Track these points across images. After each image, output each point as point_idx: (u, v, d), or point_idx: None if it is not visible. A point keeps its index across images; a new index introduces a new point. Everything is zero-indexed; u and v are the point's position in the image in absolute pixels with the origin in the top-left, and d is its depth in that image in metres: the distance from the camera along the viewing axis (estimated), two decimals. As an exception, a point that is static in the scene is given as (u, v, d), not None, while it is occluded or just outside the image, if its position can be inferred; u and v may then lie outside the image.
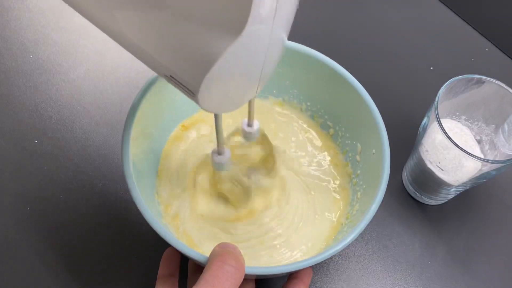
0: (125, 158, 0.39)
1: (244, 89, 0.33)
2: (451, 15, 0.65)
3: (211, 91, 0.29)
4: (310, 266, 0.37)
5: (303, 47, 0.46)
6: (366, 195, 0.42)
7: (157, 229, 0.37)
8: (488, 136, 0.47)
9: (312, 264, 0.36)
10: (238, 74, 0.30)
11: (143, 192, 0.39)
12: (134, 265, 0.46)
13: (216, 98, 0.31)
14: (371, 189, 0.41)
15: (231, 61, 0.28)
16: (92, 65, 0.58)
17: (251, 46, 0.28)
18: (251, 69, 0.31)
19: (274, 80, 0.48)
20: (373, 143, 0.43)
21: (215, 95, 0.30)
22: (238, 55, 0.28)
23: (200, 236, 0.43)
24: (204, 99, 0.30)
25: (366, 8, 0.65)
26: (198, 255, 0.35)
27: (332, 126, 0.48)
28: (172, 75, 0.29)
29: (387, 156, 0.41)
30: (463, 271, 0.48)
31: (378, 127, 0.42)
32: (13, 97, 0.55)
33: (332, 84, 0.46)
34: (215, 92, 0.30)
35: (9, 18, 0.60)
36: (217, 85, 0.29)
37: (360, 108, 0.44)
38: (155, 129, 0.45)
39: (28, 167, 0.51)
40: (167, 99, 0.45)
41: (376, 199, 0.39)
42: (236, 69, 0.29)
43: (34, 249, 0.46)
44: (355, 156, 0.46)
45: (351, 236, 0.37)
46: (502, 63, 0.62)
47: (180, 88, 0.30)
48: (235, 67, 0.29)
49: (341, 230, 0.43)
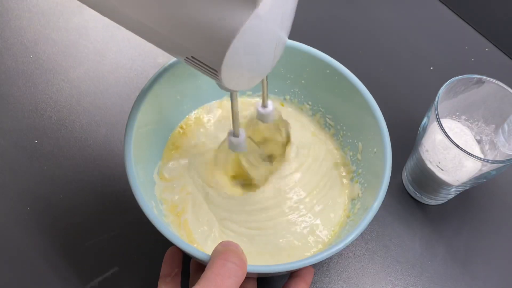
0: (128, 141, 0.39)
1: (262, 62, 0.33)
2: (451, 15, 0.65)
3: (232, 66, 0.30)
4: (311, 265, 0.37)
5: (304, 46, 0.46)
6: (368, 194, 0.42)
7: (160, 227, 0.37)
8: (488, 136, 0.47)
9: (313, 263, 0.36)
10: (257, 46, 0.31)
11: (142, 184, 0.39)
12: (135, 265, 0.46)
13: (237, 73, 0.31)
14: (373, 188, 0.41)
15: (250, 33, 0.28)
16: (92, 65, 0.58)
17: (268, 16, 0.29)
18: (268, 41, 0.32)
19: (275, 79, 0.48)
20: (374, 142, 0.43)
21: (236, 70, 0.31)
22: (257, 26, 0.28)
23: (198, 224, 0.44)
24: (226, 76, 0.30)
25: (366, 8, 0.65)
26: (201, 254, 0.35)
27: (333, 126, 0.49)
28: (194, 56, 0.30)
29: (388, 155, 0.41)
30: (463, 271, 0.48)
31: (380, 125, 0.42)
32: (13, 97, 0.55)
33: (333, 82, 0.46)
34: (236, 67, 0.30)
35: (9, 18, 0.60)
36: (238, 60, 0.30)
37: (361, 107, 0.44)
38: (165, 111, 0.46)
39: (28, 167, 0.51)
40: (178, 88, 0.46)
41: (378, 197, 0.39)
42: (256, 41, 0.30)
43: (34, 249, 0.46)
44: (356, 155, 0.46)
45: (354, 234, 0.37)
46: (502, 63, 0.62)
47: (201, 69, 0.31)
48: (254, 39, 0.29)
49: (344, 228, 0.43)
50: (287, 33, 0.34)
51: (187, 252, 0.37)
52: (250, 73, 0.33)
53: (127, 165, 0.39)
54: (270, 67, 0.35)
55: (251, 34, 0.28)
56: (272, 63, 0.34)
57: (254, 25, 0.28)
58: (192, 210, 0.44)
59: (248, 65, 0.32)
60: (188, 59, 0.30)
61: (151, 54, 0.58)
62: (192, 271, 0.42)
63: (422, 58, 0.61)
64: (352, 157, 0.47)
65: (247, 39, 0.28)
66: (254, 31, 0.29)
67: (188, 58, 0.30)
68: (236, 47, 0.28)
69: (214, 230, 0.43)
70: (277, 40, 0.32)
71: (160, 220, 0.37)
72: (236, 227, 0.43)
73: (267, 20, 0.29)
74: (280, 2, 0.29)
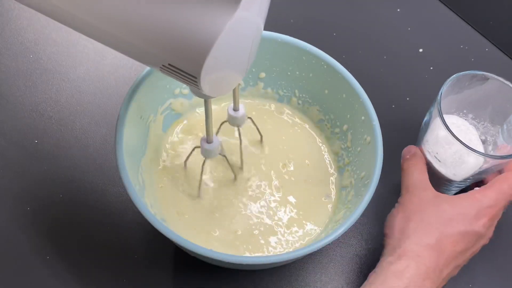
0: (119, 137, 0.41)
1: (238, 67, 0.33)
2: (451, 15, 0.65)
3: (212, 71, 0.29)
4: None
5: (280, 35, 0.47)
6: (362, 180, 0.43)
7: (160, 228, 0.37)
8: (492, 137, 0.47)
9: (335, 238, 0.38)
10: (236, 46, 0.30)
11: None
12: (135, 265, 0.46)
13: (216, 77, 0.31)
14: (367, 173, 0.43)
15: (231, 35, 0.28)
16: (92, 65, 0.58)
17: (248, 14, 0.28)
18: (244, 43, 0.31)
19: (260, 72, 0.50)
20: (364, 129, 0.44)
21: (216, 74, 0.30)
22: (238, 27, 0.28)
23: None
24: (205, 81, 0.29)
25: (366, 8, 0.65)
26: (204, 250, 0.36)
27: (323, 116, 0.50)
28: (171, 63, 0.29)
29: (379, 141, 0.42)
30: (463, 271, 0.48)
31: (368, 111, 0.44)
32: (13, 97, 0.55)
33: (314, 70, 0.47)
34: (216, 71, 0.30)
35: (9, 18, 0.60)
36: (218, 63, 0.29)
37: (346, 92, 0.46)
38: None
39: (28, 167, 0.51)
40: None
41: (373, 179, 0.41)
42: (235, 42, 0.29)
43: (34, 248, 0.46)
44: (346, 143, 0.47)
45: (357, 213, 0.39)
46: (502, 63, 0.62)
47: (178, 76, 0.30)
48: (234, 40, 0.29)
49: (338, 214, 0.45)
50: (259, 38, 0.34)
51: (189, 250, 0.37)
52: (228, 76, 0.33)
53: (122, 173, 0.40)
54: (245, 71, 0.34)
55: (231, 35, 0.28)
56: (246, 67, 0.34)
57: (236, 26, 0.27)
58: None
59: (226, 69, 0.31)
60: (164, 67, 0.29)
61: (151, 54, 0.58)
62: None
63: (422, 58, 0.61)
64: (343, 145, 0.48)
65: (227, 41, 0.28)
66: (235, 32, 0.28)
67: (164, 66, 0.29)
68: (216, 50, 0.27)
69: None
70: (251, 44, 0.32)
71: (155, 218, 0.38)
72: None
73: (247, 18, 0.29)
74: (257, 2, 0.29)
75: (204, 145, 0.40)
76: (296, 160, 0.48)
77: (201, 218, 0.45)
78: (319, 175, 0.48)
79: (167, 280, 0.46)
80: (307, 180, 0.47)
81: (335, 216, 0.45)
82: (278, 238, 0.44)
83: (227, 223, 0.44)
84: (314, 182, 0.47)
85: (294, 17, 0.63)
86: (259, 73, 0.50)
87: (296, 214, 0.45)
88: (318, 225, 0.45)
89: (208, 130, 0.39)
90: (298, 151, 0.49)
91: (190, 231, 0.44)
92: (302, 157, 0.49)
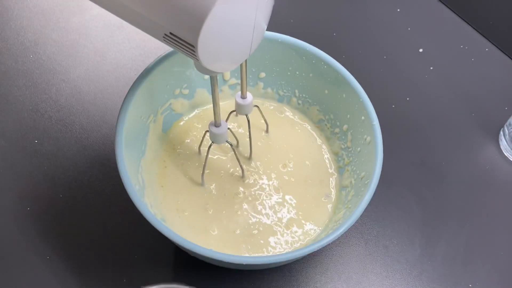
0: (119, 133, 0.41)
1: (240, 43, 0.34)
2: (451, 15, 0.65)
3: (209, 41, 0.30)
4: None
5: (281, 35, 0.47)
6: (362, 180, 0.43)
7: (160, 228, 0.37)
8: None
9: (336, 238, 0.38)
10: (234, 23, 0.32)
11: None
12: (135, 265, 0.46)
13: (214, 50, 0.32)
14: (367, 173, 0.43)
15: (226, 8, 0.29)
16: (92, 65, 0.58)
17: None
18: (245, 20, 0.33)
19: (260, 73, 0.50)
20: (364, 129, 0.44)
21: (214, 46, 0.32)
22: (233, 2, 0.30)
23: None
24: (203, 53, 0.31)
25: (366, 8, 0.65)
26: (204, 250, 0.36)
27: (323, 116, 0.50)
28: (172, 32, 0.31)
29: (379, 141, 0.42)
30: (463, 271, 0.48)
31: (368, 111, 0.44)
32: (13, 97, 0.55)
33: (314, 70, 0.47)
34: (214, 43, 0.31)
35: (9, 18, 0.60)
36: (215, 35, 0.31)
37: (346, 92, 0.46)
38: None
39: (28, 167, 0.51)
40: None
41: (373, 178, 0.41)
42: (232, 17, 0.31)
43: (34, 249, 0.46)
44: (346, 143, 0.47)
45: (357, 213, 0.39)
46: (502, 63, 0.62)
47: (179, 47, 0.32)
48: (230, 14, 0.31)
49: (338, 215, 0.45)
50: (266, 21, 0.35)
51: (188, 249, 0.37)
52: (228, 53, 0.34)
53: (121, 171, 0.40)
54: (248, 50, 0.35)
55: (227, 8, 0.29)
56: (250, 46, 0.35)
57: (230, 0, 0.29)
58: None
59: (225, 43, 0.33)
60: (167, 37, 0.31)
61: (151, 54, 0.58)
62: None
63: (422, 58, 0.61)
64: (343, 146, 0.48)
65: (223, 13, 0.29)
66: (230, 6, 0.30)
67: (166, 35, 0.31)
68: (212, 21, 0.29)
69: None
70: (254, 21, 0.33)
71: (155, 218, 0.38)
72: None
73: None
74: None
75: (212, 128, 0.41)
76: (296, 160, 0.48)
77: (200, 215, 0.45)
78: (319, 175, 0.48)
79: (167, 280, 0.46)
80: (307, 180, 0.47)
81: (335, 216, 0.45)
82: (278, 238, 0.44)
83: (226, 222, 0.44)
84: (314, 182, 0.47)
85: (294, 17, 0.63)
86: (259, 73, 0.50)
87: (296, 214, 0.45)
88: (318, 225, 0.45)
89: (215, 113, 0.40)
90: (298, 151, 0.49)
91: (190, 231, 0.44)
92: (302, 157, 0.49)
